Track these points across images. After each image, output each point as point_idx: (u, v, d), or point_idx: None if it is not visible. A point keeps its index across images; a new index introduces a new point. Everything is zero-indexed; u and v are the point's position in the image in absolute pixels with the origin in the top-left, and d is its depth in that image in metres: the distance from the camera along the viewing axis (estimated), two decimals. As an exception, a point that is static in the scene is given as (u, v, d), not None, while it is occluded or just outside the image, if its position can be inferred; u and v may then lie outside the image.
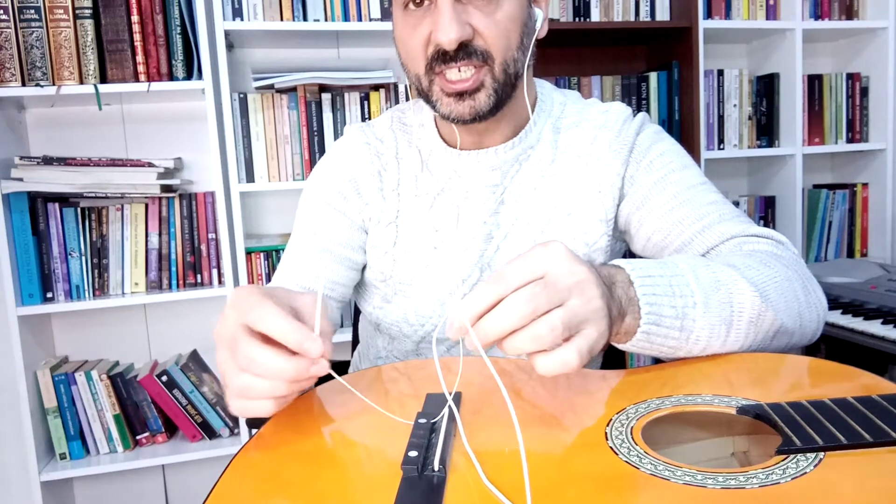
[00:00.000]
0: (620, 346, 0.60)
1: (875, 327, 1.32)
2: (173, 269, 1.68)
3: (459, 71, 0.71)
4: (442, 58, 0.71)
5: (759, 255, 0.70)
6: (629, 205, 0.82)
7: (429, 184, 0.83)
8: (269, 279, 1.73)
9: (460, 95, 0.72)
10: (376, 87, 1.75)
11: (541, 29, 0.77)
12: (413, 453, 0.45)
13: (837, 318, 1.41)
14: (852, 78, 2.11)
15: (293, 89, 1.71)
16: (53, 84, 1.52)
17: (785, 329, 0.66)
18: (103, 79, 1.55)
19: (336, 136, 1.72)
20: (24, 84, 1.51)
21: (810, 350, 1.97)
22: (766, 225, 2.09)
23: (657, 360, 0.66)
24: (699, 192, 0.80)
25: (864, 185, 2.15)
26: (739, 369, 0.60)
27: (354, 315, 1.22)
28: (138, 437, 1.68)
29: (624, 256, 0.91)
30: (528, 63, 0.77)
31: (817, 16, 2.04)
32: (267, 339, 0.50)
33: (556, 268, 0.50)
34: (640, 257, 0.84)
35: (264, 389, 0.49)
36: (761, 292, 0.63)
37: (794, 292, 0.67)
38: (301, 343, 0.48)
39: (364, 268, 0.88)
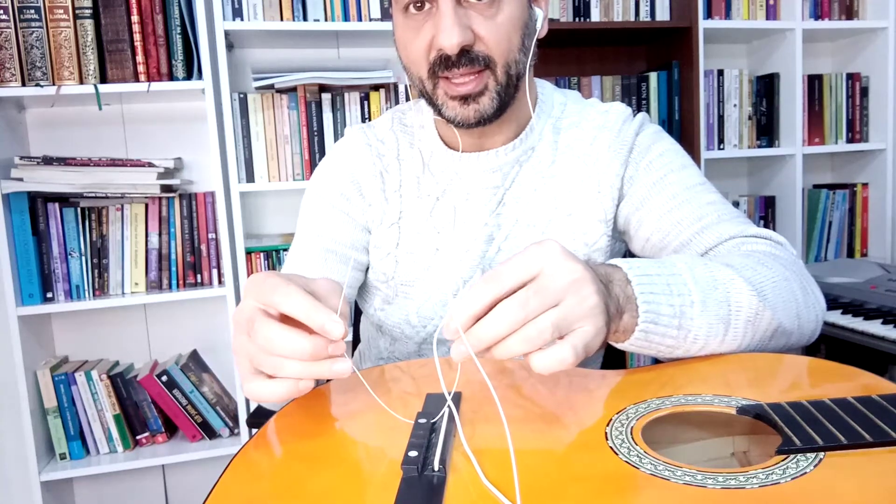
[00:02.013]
0: (618, 346, 0.60)
1: (875, 327, 1.32)
2: (173, 269, 1.68)
3: (462, 76, 0.72)
4: (444, 63, 0.71)
5: (757, 256, 0.70)
6: (628, 205, 0.82)
7: (430, 185, 0.84)
8: (269, 279, 1.73)
9: (464, 99, 0.72)
10: (376, 87, 1.75)
11: (541, 29, 0.77)
12: (413, 453, 0.45)
13: (837, 318, 1.40)
14: (852, 78, 2.11)
15: (293, 89, 1.71)
16: (53, 84, 1.52)
17: (783, 329, 0.66)
18: (103, 79, 1.55)
19: (336, 137, 1.72)
20: (24, 84, 1.51)
21: (810, 350, 1.98)
22: (766, 225, 2.09)
23: (656, 361, 0.66)
24: (698, 193, 0.80)
25: (864, 185, 2.15)
26: (739, 369, 0.60)
27: (354, 315, 1.22)
28: (138, 437, 1.68)
29: (623, 257, 0.92)
30: (530, 63, 0.77)
31: (817, 16, 2.04)
32: (284, 322, 0.50)
33: (551, 266, 0.50)
34: (639, 258, 0.84)
35: (283, 369, 0.50)
36: (759, 292, 0.63)
37: (793, 292, 0.67)
38: (323, 324, 0.48)
39: (367, 269, 0.88)
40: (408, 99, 1.75)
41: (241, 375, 0.53)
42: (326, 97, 1.71)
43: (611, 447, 0.46)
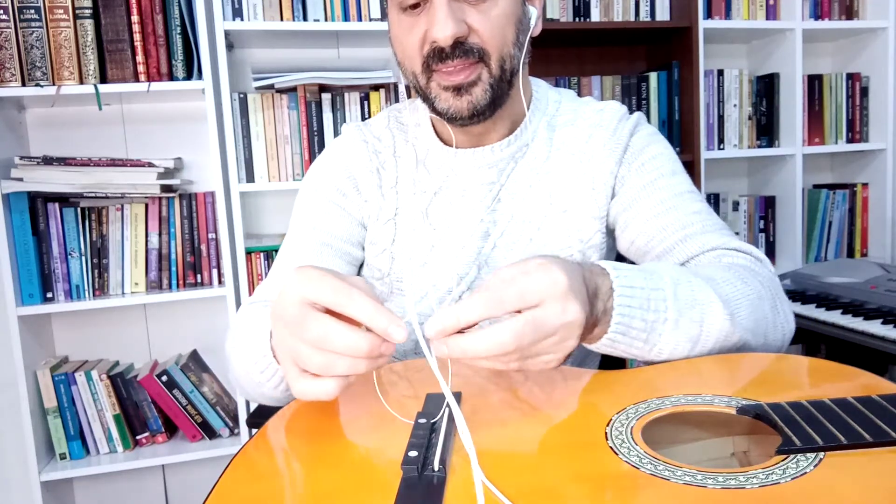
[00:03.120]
0: (584, 344, 0.62)
1: (875, 327, 1.32)
2: (173, 269, 1.68)
3: (456, 68, 0.72)
4: (438, 56, 0.71)
5: (738, 270, 0.71)
6: (618, 205, 0.83)
7: (426, 182, 0.84)
8: (269, 279, 1.73)
9: (458, 90, 0.73)
10: (376, 87, 1.75)
11: (535, 27, 0.78)
12: (413, 453, 0.45)
13: (837, 318, 1.40)
14: (852, 78, 2.11)
15: (293, 89, 1.71)
16: (53, 84, 1.52)
17: (748, 346, 0.67)
18: (103, 79, 1.55)
19: (336, 136, 1.72)
20: (24, 84, 1.51)
21: (810, 350, 1.97)
22: (766, 225, 2.10)
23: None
24: (685, 200, 0.81)
25: (864, 185, 2.15)
26: (739, 369, 0.60)
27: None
28: (138, 437, 1.68)
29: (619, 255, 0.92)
30: (524, 60, 0.77)
31: (817, 16, 2.04)
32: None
33: (551, 300, 0.51)
34: (632, 262, 0.85)
35: (333, 367, 0.48)
36: (732, 314, 0.64)
37: (764, 311, 0.69)
38: (387, 328, 0.47)
39: (361, 265, 0.89)
40: (409, 98, 1.75)
41: (287, 374, 0.51)
42: (326, 97, 1.71)
43: (611, 447, 0.46)
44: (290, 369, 0.51)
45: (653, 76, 1.91)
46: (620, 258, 0.89)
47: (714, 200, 2.08)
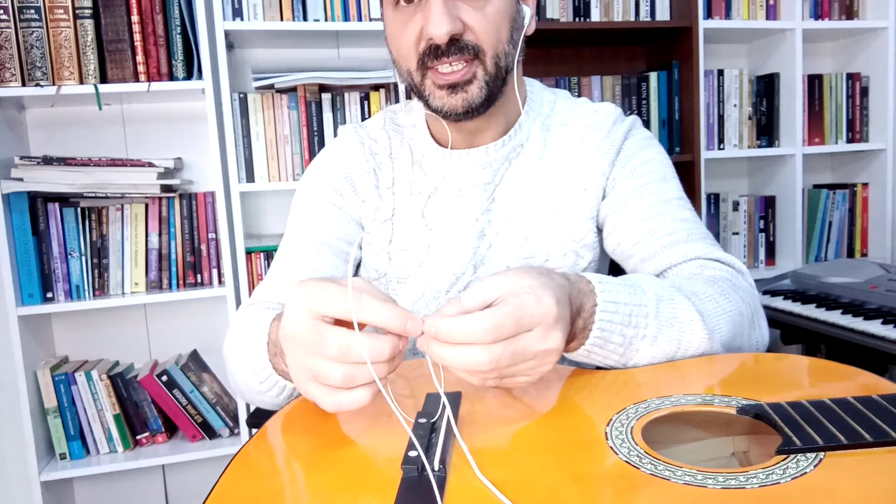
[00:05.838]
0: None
1: (875, 327, 1.32)
2: (173, 269, 1.68)
3: (451, 65, 0.72)
4: (434, 53, 0.72)
5: (721, 285, 0.71)
6: (607, 206, 0.83)
7: (422, 183, 0.85)
8: (269, 279, 1.73)
9: (452, 88, 0.73)
10: (376, 87, 1.75)
11: (529, 26, 0.78)
12: (413, 453, 0.45)
13: (837, 318, 1.40)
14: (852, 78, 2.11)
15: (293, 89, 1.71)
16: (53, 84, 1.52)
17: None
18: (103, 79, 1.55)
19: (336, 136, 1.72)
20: (24, 84, 1.51)
21: (810, 350, 1.97)
22: (766, 225, 2.10)
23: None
24: (673, 207, 0.81)
25: (864, 185, 2.15)
26: (739, 369, 0.60)
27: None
28: (138, 437, 1.68)
29: None
30: (518, 59, 0.78)
31: (817, 16, 2.04)
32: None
33: (538, 329, 0.51)
34: (623, 273, 0.86)
35: (355, 378, 0.48)
36: (712, 331, 0.65)
37: (742, 327, 0.69)
38: (404, 324, 0.48)
39: (358, 265, 0.89)
40: (409, 98, 1.75)
41: (312, 394, 0.50)
42: (326, 97, 1.71)
43: (611, 447, 0.46)
44: (315, 390, 0.50)
45: (653, 76, 1.91)
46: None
47: (714, 200, 2.08)
